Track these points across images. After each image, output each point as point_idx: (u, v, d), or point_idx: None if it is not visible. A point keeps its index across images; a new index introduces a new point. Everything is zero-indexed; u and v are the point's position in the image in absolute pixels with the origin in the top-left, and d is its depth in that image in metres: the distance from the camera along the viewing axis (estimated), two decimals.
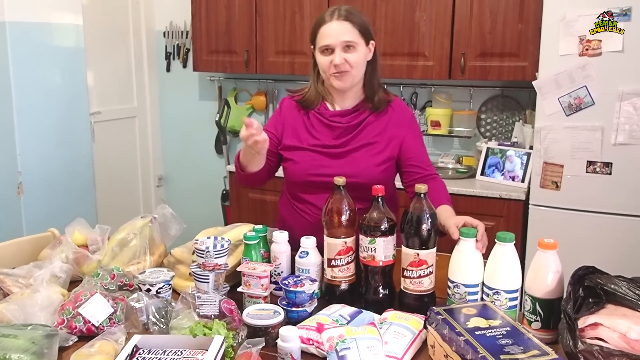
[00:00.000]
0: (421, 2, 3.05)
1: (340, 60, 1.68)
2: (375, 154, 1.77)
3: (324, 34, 1.70)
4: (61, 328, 1.35)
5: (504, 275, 1.36)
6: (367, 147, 1.77)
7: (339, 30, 1.68)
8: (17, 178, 2.89)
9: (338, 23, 1.69)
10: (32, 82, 2.92)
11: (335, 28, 1.69)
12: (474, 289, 1.39)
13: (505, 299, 1.35)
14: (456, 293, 1.39)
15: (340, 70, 1.70)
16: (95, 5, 3.63)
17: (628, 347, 1.16)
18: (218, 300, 1.39)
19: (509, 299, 1.35)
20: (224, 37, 3.58)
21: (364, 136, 1.78)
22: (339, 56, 1.68)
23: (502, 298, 1.35)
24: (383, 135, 1.78)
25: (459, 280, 1.40)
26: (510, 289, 1.35)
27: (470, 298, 1.38)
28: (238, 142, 4.07)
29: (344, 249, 1.51)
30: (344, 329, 1.23)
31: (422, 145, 1.84)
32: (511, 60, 2.93)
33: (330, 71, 1.71)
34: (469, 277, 1.39)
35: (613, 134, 2.47)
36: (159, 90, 4.26)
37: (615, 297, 1.26)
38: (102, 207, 3.48)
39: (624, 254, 2.49)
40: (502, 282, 1.36)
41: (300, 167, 1.79)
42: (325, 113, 1.80)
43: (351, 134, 1.78)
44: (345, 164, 1.75)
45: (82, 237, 1.73)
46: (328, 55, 1.70)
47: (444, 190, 1.76)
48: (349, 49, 1.69)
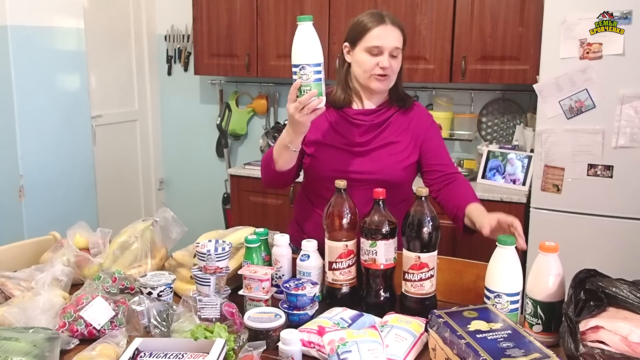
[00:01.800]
0: (422, 5, 3.05)
1: (389, 64, 1.71)
2: (398, 152, 1.79)
3: (378, 36, 1.70)
4: (62, 331, 1.35)
5: (505, 279, 1.36)
6: (390, 146, 1.79)
7: (393, 36, 1.71)
8: (19, 181, 2.90)
9: (392, 28, 1.72)
10: (34, 86, 2.93)
11: (390, 32, 1.71)
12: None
13: (506, 302, 1.35)
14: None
15: (384, 74, 1.72)
16: (97, 8, 3.64)
17: (629, 350, 1.16)
18: (219, 304, 1.39)
19: (510, 302, 1.35)
20: (225, 40, 3.59)
21: (387, 135, 1.80)
22: (387, 60, 1.71)
23: (503, 301, 1.35)
24: (406, 134, 1.80)
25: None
26: (512, 292, 1.35)
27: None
28: (239, 145, 4.07)
29: (345, 252, 1.51)
30: (345, 332, 1.23)
31: (443, 145, 1.86)
32: (512, 64, 2.93)
33: (374, 72, 1.72)
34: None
35: (614, 137, 2.47)
36: (160, 94, 4.26)
37: (616, 300, 1.26)
38: (103, 210, 3.49)
39: (625, 257, 2.49)
40: (503, 285, 1.35)
41: (323, 164, 1.78)
42: (349, 111, 1.81)
43: (375, 132, 1.79)
44: (368, 162, 1.77)
45: (83, 240, 1.73)
46: (374, 57, 1.71)
47: (469, 189, 1.77)
48: (394, 55, 1.72)
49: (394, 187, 1.70)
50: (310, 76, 1.50)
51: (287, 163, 1.71)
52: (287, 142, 1.65)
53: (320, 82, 1.52)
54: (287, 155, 1.69)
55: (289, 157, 1.70)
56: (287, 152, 1.67)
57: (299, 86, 1.52)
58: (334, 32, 3.27)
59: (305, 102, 1.51)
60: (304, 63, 1.50)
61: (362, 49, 1.73)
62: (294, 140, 1.64)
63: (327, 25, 3.28)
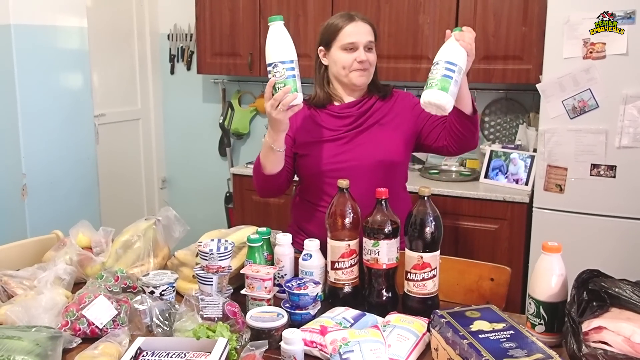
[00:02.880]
0: (425, 5, 3.05)
1: (366, 57, 1.78)
2: (389, 130, 1.83)
3: (350, 33, 1.78)
4: (65, 330, 1.35)
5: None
6: (377, 126, 1.84)
7: (364, 31, 1.80)
8: (22, 180, 2.90)
9: (363, 24, 1.81)
10: (37, 85, 2.93)
11: (361, 28, 1.80)
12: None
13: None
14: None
15: (363, 68, 1.79)
16: (100, 7, 3.65)
17: (632, 351, 1.16)
18: (221, 303, 1.39)
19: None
20: (228, 39, 3.59)
21: (373, 118, 1.85)
22: (364, 53, 1.78)
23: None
24: (391, 115, 1.85)
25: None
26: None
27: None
28: (242, 144, 4.07)
29: (347, 251, 1.51)
30: (348, 332, 1.23)
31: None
32: (515, 63, 2.93)
33: (353, 67, 1.79)
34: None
35: (617, 137, 2.46)
36: (163, 93, 4.27)
37: (619, 300, 1.25)
38: (106, 209, 3.49)
39: (628, 257, 2.48)
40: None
41: (319, 159, 1.81)
42: (333, 108, 1.87)
43: (362, 117, 1.84)
44: (359, 146, 1.81)
45: (86, 239, 1.74)
46: (351, 52, 1.78)
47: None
48: (369, 49, 1.80)
49: (391, 168, 1.78)
50: (283, 73, 1.52)
51: (274, 165, 1.73)
52: (271, 143, 1.67)
53: (294, 78, 1.54)
54: (274, 157, 1.71)
55: (276, 159, 1.71)
56: (273, 154, 1.69)
57: (274, 84, 1.54)
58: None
59: (280, 98, 1.54)
60: (276, 61, 1.53)
61: (338, 48, 1.80)
62: (277, 140, 1.67)
63: None
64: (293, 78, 1.53)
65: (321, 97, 1.87)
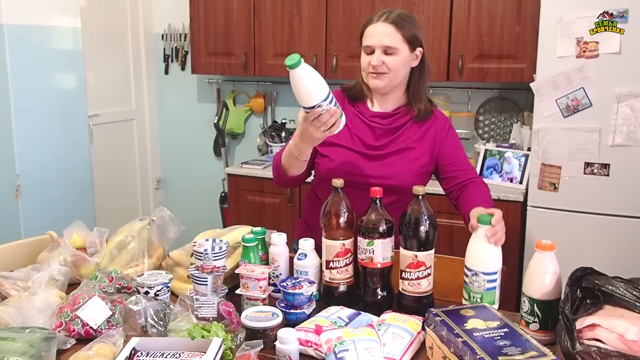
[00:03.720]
0: (419, 4, 3.05)
1: (378, 62, 1.70)
2: (412, 159, 1.76)
3: (368, 34, 1.73)
4: (59, 331, 1.35)
5: (483, 258, 1.39)
6: (405, 152, 1.76)
7: (382, 33, 1.70)
8: (16, 181, 2.89)
9: (383, 25, 1.70)
10: (31, 85, 2.92)
11: (378, 30, 1.70)
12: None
13: (483, 280, 1.38)
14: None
15: (377, 72, 1.72)
16: (94, 7, 3.64)
17: (626, 348, 1.16)
18: (216, 303, 1.39)
19: (487, 280, 1.37)
20: (222, 39, 3.59)
21: (402, 140, 1.77)
22: (377, 58, 1.70)
23: (480, 279, 1.38)
24: (422, 142, 1.78)
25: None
26: (489, 271, 1.38)
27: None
28: (237, 144, 4.07)
29: (342, 250, 1.51)
30: (343, 331, 1.23)
31: (460, 151, 1.83)
32: (509, 62, 2.94)
33: (368, 70, 1.74)
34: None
35: (610, 135, 2.47)
36: (157, 93, 4.26)
37: (613, 298, 1.26)
38: (100, 210, 3.48)
39: (621, 255, 2.49)
40: (481, 264, 1.38)
41: (337, 165, 1.76)
42: (366, 113, 1.80)
43: (390, 137, 1.78)
44: (382, 166, 1.75)
45: (80, 240, 1.73)
46: (368, 55, 1.73)
47: (483, 192, 1.74)
48: (389, 53, 1.71)
49: (405, 193, 1.65)
50: (326, 107, 1.47)
51: (297, 170, 1.72)
52: (297, 153, 1.63)
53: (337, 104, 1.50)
54: (298, 165, 1.68)
55: (299, 166, 1.69)
56: (297, 162, 1.66)
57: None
58: (331, 30, 3.27)
59: (326, 119, 1.48)
60: (318, 102, 1.46)
61: (362, 49, 1.76)
62: (304, 152, 1.63)
63: (325, 24, 3.28)
64: (337, 105, 1.50)
65: (358, 90, 1.82)
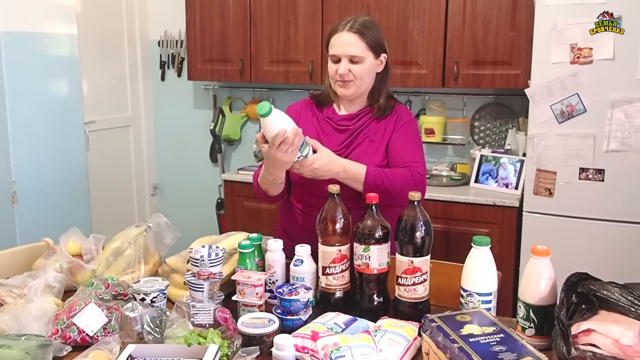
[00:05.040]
0: (414, 11, 3.07)
1: (344, 71, 1.76)
2: (373, 151, 1.81)
3: (333, 44, 1.78)
4: (55, 338, 1.35)
5: (478, 278, 1.39)
6: (367, 143, 1.82)
7: (347, 43, 1.75)
8: (11, 187, 2.88)
9: (348, 35, 1.75)
10: (27, 92, 2.92)
11: (344, 40, 1.76)
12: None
13: (477, 301, 1.38)
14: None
15: (344, 80, 1.77)
16: (90, 14, 3.64)
17: (621, 353, 1.17)
18: (213, 309, 1.39)
19: (482, 301, 1.38)
20: (218, 46, 3.60)
21: (364, 135, 1.83)
22: (343, 66, 1.76)
23: (474, 300, 1.38)
24: (381, 134, 1.83)
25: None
26: (484, 291, 1.38)
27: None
28: (233, 150, 4.07)
29: (338, 256, 1.51)
30: (339, 337, 1.23)
31: (409, 141, 1.83)
32: (504, 69, 2.95)
33: (335, 78, 1.79)
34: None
35: (605, 141, 2.49)
36: (154, 99, 4.26)
37: (608, 303, 1.26)
38: (96, 217, 3.47)
39: (616, 261, 2.50)
40: (476, 284, 1.39)
41: None
42: (334, 117, 1.87)
43: (356, 133, 1.84)
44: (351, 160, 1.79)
45: (76, 247, 1.73)
46: (335, 64, 1.78)
47: (394, 172, 1.75)
48: (354, 61, 1.76)
49: None
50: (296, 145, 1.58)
51: (276, 191, 1.79)
52: (271, 179, 1.71)
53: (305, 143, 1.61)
54: (275, 187, 1.76)
55: (277, 188, 1.77)
56: (274, 185, 1.74)
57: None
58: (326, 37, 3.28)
59: (291, 140, 1.55)
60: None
61: (329, 58, 1.81)
62: (278, 177, 1.71)
63: (320, 30, 3.29)
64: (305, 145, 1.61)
65: (325, 97, 1.89)
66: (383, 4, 3.12)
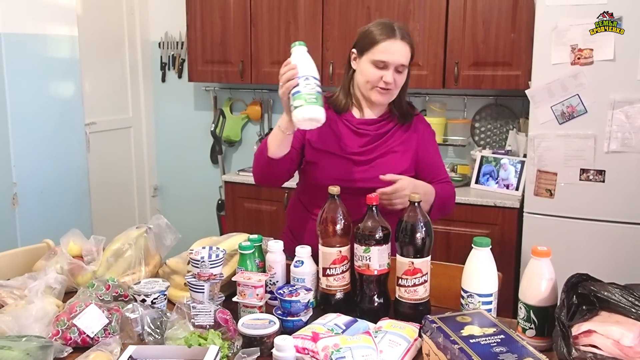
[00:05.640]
0: (414, 12, 3.07)
1: (391, 79, 1.70)
2: (397, 161, 1.80)
3: (385, 50, 1.69)
4: (56, 339, 1.35)
5: (478, 279, 1.40)
6: (391, 154, 1.80)
7: (401, 52, 1.71)
8: (12, 189, 2.89)
9: (402, 44, 1.71)
10: (27, 93, 2.92)
11: (398, 48, 1.70)
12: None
13: (478, 302, 1.38)
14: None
15: (387, 88, 1.72)
16: (91, 16, 3.64)
17: (622, 354, 1.17)
18: (213, 310, 1.39)
19: (482, 302, 1.38)
20: (219, 47, 3.60)
21: (389, 144, 1.81)
22: (391, 75, 1.70)
23: (475, 301, 1.38)
24: (405, 146, 1.81)
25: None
26: (484, 292, 1.39)
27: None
28: (233, 152, 4.08)
29: (338, 258, 1.51)
30: (339, 338, 1.23)
31: (438, 156, 1.89)
32: (504, 70, 2.95)
33: (377, 84, 1.72)
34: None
35: (606, 141, 2.49)
36: (154, 101, 4.27)
37: (608, 304, 1.26)
38: (97, 218, 3.47)
39: (617, 261, 2.50)
40: (476, 285, 1.39)
41: (326, 172, 1.77)
42: (353, 121, 1.82)
43: (377, 142, 1.80)
44: (369, 169, 1.77)
45: (77, 248, 1.73)
46: (380, 70, 1.71)
47: (445, 189, 1.81)
48: (399, 70, 1.72)
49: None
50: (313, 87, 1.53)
51: (280, 148, 1.68)
52: (283, 128, 1.63)
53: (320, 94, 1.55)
54: (280, 138, 1.66)
55: (282, 141, 1.66)
56: (281, 134, 1.64)
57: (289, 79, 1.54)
58: (326, 38, 3.29)
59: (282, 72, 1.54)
60: (310, 75, 1.54)
61: (369, 60, 1.72)
62: (289, 125, 1.61)
63: (321, 32, 3.29)
64: (320, 94, 1.53)
65: (341, 101, 1.82)
66: (383, 5, 3.12)
